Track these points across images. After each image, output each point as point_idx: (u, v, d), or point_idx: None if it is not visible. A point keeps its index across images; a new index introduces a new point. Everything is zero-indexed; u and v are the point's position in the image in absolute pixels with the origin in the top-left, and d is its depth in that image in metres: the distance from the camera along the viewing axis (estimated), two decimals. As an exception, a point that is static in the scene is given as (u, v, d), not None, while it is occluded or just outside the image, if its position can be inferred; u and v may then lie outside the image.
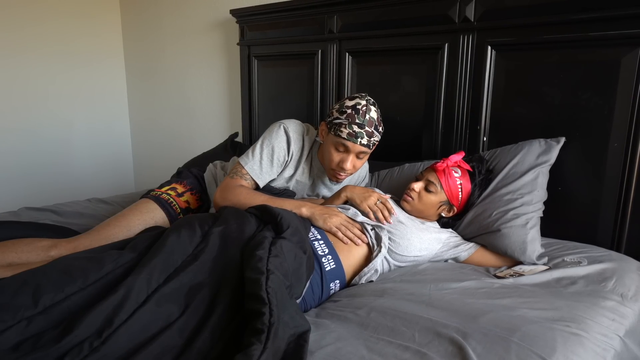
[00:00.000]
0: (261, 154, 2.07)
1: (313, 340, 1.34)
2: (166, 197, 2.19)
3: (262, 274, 1.37)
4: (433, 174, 2.01)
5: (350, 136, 1.94)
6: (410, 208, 2.03)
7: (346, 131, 1.94)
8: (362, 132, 1.94)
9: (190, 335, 1.27)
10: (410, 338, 1.34)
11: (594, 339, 1.37)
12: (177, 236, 1.53)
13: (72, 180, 4.31)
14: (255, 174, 2.06)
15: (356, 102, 1.96)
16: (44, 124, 4.10)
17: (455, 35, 2.35)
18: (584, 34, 1.99)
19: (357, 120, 1.93)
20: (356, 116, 1.93)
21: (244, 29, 3.30)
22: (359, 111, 1.94)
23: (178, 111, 4.16)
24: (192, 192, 2.28)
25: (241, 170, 2.06)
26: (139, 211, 2.10)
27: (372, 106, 1.98)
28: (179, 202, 2.20)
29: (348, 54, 2.79)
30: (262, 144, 2.09)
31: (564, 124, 2.09)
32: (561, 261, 1.87)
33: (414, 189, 2.01)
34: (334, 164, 2.04)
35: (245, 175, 2.06)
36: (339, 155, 2.02)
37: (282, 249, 1.52)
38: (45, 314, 1.23)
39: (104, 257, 1.41)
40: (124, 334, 1.20)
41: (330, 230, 1.85)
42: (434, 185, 1.98)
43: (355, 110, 1.94)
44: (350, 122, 1.93)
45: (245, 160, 2.08)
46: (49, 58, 4.04)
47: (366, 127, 1.94)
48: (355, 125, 1.93)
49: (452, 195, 1.98)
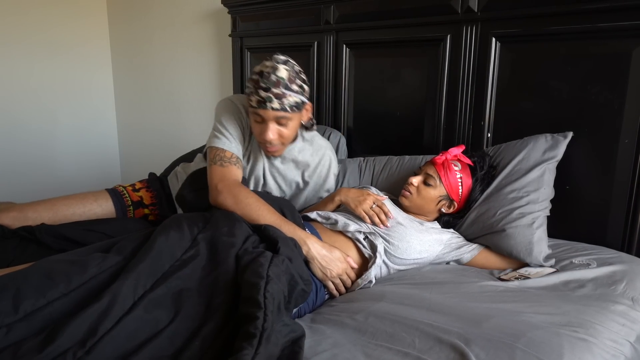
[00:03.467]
0: (229, 131, 2.06)
1: (308, 346, 1.34)
2: (120, 190, 2.31)
3: (261, 278, 1.38)
4: (432, 168, 2.02)
5: (260, 103, 1.89)
6: (409, 203, 2.04)
7: (254, 99, 1.89)
8: (270, 95, 1.86)
9: (180, 343, 1.27)
10: (410, 344, 1.34)
11: (603, 345, 1.37)
12: (166, 239, 1.52)
13: (55, 177, 4.30)
14: (237, 151, 2.05)
15: (262, 65, 1.91)
16: (26, 119, 4.09)
17: (457, 26, 2.35)
18: (594, 25, 1.99)
19: (261, 84, 1.86)
20: (260, 80, 1.87)
21: (236, 19, 3.30)
22: (263, 74, 1.87)
23: (167, 106, 4.16)
24: (148, 190, 2.37)
25: (223, 153, 2.02)
26: (86, 196, 2.24)
27: (281, 64, 1.89)
28: (131, 195, 2.31)
29: (345, 46, 2.78)
30: (222, 122, 2.08)
31: (572, 120, 2.09)
32: (569, 263, 1.86)
33: (412, 183, 2.03)
34: (258, 137, 2.02)
35: (231, 159, 2.02)
36: (259, 127, 1.98)
37: (282, 263, 1.52)
38: (26, 320, 1.23)
39: (87, 261, 1.41)
40: (109, 343, 1.20)
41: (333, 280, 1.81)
42: (433, 179, 1.99)
43: (260, 74, 1.88)
44: (256, 88, 1.87)
45: (220, 141, 2.05)
46: (30, 49, 4.02)
47: (272, 88, 1.86)
48: (260, 90, 1.87)
49: (451, 190, 1.99)
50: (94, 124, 4.50)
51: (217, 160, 2.01)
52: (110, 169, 4.65)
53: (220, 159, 2.01)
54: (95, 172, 4.54)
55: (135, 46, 4.29)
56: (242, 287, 1.38)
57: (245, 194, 1.89)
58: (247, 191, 1.92)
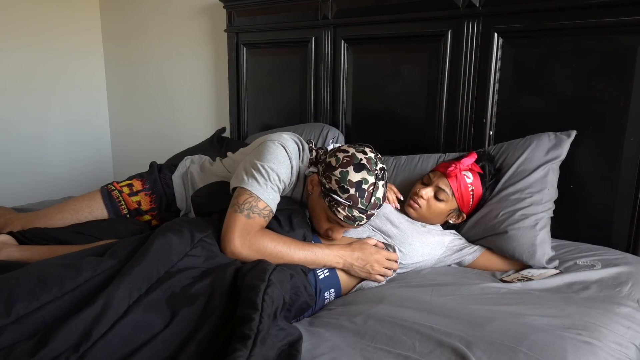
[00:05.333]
0: (269, 178, 1.78)
1: (306, 350, 1.34)
2: (116, 195, 2.19)
3: (262, 281, 1.39)
4: (444, 180, 1.98)
5: (348, 219, 1.73)
6: (416, 215, 2.02)
7: (344, 214, 1.71)
8: (363, 216, 1.73)
9: (175, 348, 1.27)
10: (410, 347, 1.34)
11: (608, 348, 1.37)
12: (164, 243, 1.53)
13: (46, 178, 4.29)
14: (274, 204, 1.79)
15: (362, 179, 1.70)
16: (16, 117, 4.07)
17: (459, 22, 2.35)
18: (599, 20, 1.99)
19: (359, 205, 1.70)
20: (360, 200, 1.69)
21: (232, 14, 3.30)
22: (364, 193, 1.69)
23: (160, 104, 4.16)
24: (147, 193, 2.22)
25: (257, 203, 1.73)
26: (80, 207, 2.16)
27: (381, 181, 1.73)
28: (128, 202, 2.19)
29: (344, 41, 2.79)
30: (265, 168, 1.78)
31: (576, 117, 2.09)
32: (573, 264, 1.87)
33: (422, 196, 1.98)
34: (322, 230, 1.87)
35: (263, 211, 1.74)
36: (329, 225, 1.84)
37: (286, 270, 1.54)
38: (18, 324, 1.23)
39: (81, 264, 1.41)
40: (103, 348, 1.21)
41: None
42: (445, 194, 1.96)
43: (359, 190, 1.69)
44: (351, 206, 1.70)
45: (254, 187, 1.75)
46: (19, 45, 4.01)
47: (369, 210, 1.73)
48: (356, 210, 1.71)
49: (463, 204, 1.98)
50: (86, 123, 4.48)
51: (244, 209, 1.72)
52: (102, 168, 4.63)
53: (247, 208, 1.73)
54: (88, 170, 4.52)
55: (128, 43, 4.28)
56: (241, 290, 1.39)
57: (265, 245, 1.70)
58: (269, 240, 1.72)
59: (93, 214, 2.15)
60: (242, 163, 1.88)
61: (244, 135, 3.40)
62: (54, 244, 1.90)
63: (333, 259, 1.77)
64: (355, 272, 1.79)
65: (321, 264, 1.75)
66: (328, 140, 2.67)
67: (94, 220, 2.11)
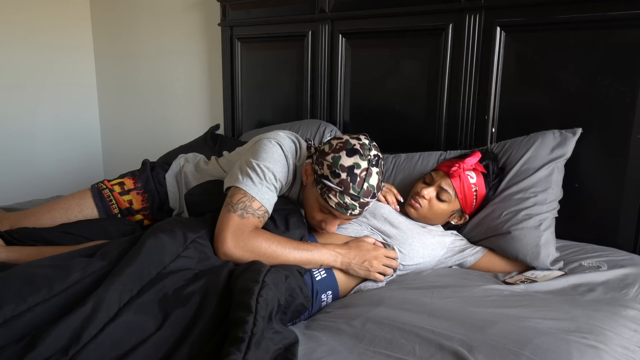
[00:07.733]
0: (264, 177, 1.78)
1: (302, 353, 1.35)
2: (107, 194, 2.18)
3: (256, 283, 1.39)
4: (446, 180, 1.97)
5: (340, 207, 1.73)
6: (417, 215, 2.01)
7: (335, 200, 1.72)
8: (355, 204, 1.72)
9: (167, 351, 1.28)
10: (410, 351, 1.35)
11: (614, 352, 1.37)
12: (155, 243, 1.53)
13: (34, 176, 4.28)
14: (269, 204, 1.79)
15: (354, 163, 1.70)
16: (3, 114, 4.06)
17: (460, 15, 2.35)
18: (604, 14, 2.00)
19: (351, 190, 1.70)
20: (351, 185, 1.69)
21: (226, 7, 3.29)
22: (356, 178, 1.69)
23: (152, 100, 4.15)
24: (139, 192, 2.21)
25: (251, 202, 1.73)
26: (70, 206, 2.15)
27: (374, 167, 1.73)
28: (119, 201, 2.18)
29: (341, 35, 2.79)
30: (260, 166, 1.79)
31: (581, 114, 2.10)
32: (578, 266, 1.88)
33: (423, 195, 1.98)
34: (315, 221, 1.88)
35: (257, 211, 1.74)
36: (322, 216, 1.84)
37: (282, 273, 1.54)
38: (5, 327, 1.23)
39: (71, 265, 1.41)
40: (93, 351, 1.20)
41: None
42: (447, 194, 1.96)
43: (351, 174, 1.69)
44: (343, 192, 1.70)
45: (248, 186, 1.75)
46: (6, 39, 4.00)
47: (361, 198, 1.72)
48: (347, 196, 1.71)
49: (466, 204, 1.98)
50: (76, 120, 4.47)
51: (237, 209, 1.73)
52: (92, 168, 4.63)
53: (241, 207, 1.73)
54: (77, 168, 4.51)
55: (119, 36, 4.27)
56: (235, 292, 1.39)
57: (258, 245, 1.70)
58: (263, 240, 1.71)
59: (83, 213, 2.14)
60: (238, 162, 1.89)
61: (238, 133, 3.40)
62: (42, 244, 1.89)
63: (330, 257, 1.77)
64: (353, 270, 1.79)
65: (318, 264, 1.76)
66: (325, 137, 2.67)
67: (84, 220, 2.11)
